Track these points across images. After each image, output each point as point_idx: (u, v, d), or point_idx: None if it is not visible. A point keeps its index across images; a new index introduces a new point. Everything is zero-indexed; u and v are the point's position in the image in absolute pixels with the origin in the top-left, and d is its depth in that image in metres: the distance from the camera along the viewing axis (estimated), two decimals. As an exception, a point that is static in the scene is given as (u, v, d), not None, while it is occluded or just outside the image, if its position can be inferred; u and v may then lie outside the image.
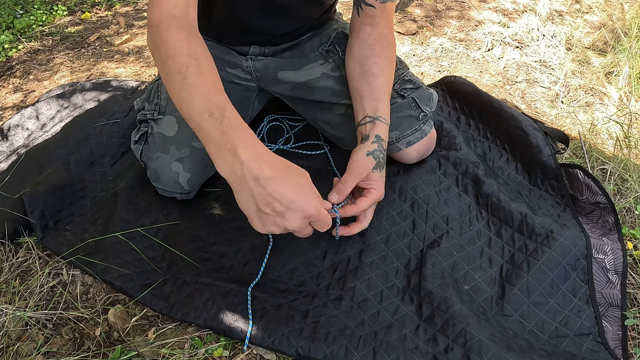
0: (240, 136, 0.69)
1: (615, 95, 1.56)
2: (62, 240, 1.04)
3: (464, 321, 0.85)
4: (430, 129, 1.12)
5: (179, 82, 0.72)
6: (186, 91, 0.72)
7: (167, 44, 0.75)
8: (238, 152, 0.69)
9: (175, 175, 1.05)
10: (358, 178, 0.90)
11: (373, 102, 0.99)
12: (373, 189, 0.92)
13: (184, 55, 0.73)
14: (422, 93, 1.10)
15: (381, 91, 1.00)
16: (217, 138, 0.70)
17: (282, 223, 0.72)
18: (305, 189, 0.73)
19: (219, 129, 0.69)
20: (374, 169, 0.92)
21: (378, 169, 0.92)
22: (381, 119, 0.98)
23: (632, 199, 1.14)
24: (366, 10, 1.03)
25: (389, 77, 1.03)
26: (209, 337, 0.88)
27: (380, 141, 0.95)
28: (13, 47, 1.84)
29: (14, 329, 0.90)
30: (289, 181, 0.71)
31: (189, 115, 0.72)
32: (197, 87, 0.71)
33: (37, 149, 1.26)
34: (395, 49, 1.07)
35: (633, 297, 0.96)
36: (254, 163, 0.69)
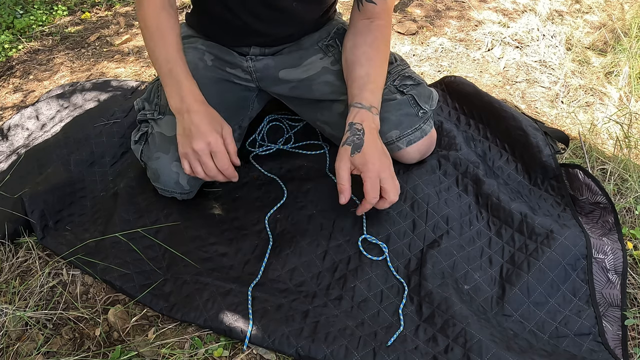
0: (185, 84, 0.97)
1: (615, 95, 1.56)
2: (62, 240, 1.04)
3: (464, 321, 0.85)
4: (430, 129, 1.11)
5: (150, 46, 1.00)
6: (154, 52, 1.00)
7: (144, 12, 1.00)
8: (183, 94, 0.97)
9: (175, 175, 1.05)
10: (344, 171, 0.95)
11: (355, 91, 1.01)
12: (365, 169, 0.94)
13: (153, 27, 0.99)
14: (421, 90, 1.10)
15: (365, 79, 1.01)
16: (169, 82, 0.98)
17: (191, 142, 0.94)
18: (214, 127, 0.95)
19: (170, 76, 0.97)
20: (352, 154, 0.95)
21: (356, 151, 0.95)
22: (356, 104, 0.99)
23: (632, 199, 1.14)
24: (367, 6, 1.04)
25: (377, 65, 1.03)
26: (209, 337, 0.88)
27: (352, 126, 0.97)
28: (13, 47, 1.84)
29: (14, 329, 0.90)
30: (207, 120, 0.96)
31: (156, 68, 1.00)
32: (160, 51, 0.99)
33: (37, 149, 1.26)
34: (389, 41, 1.08)
35: (633, 297, 0.96)
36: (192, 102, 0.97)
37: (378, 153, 0.96)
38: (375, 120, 1.00)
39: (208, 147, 0.95)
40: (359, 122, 0.97)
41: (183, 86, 0.97)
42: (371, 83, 1.01)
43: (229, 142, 0.97)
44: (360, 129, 0.96)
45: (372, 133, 0.97)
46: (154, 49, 0.99)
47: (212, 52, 1.17)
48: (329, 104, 1.14)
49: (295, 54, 1.16)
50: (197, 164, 0.96)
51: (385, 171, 0.95)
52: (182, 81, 0.97)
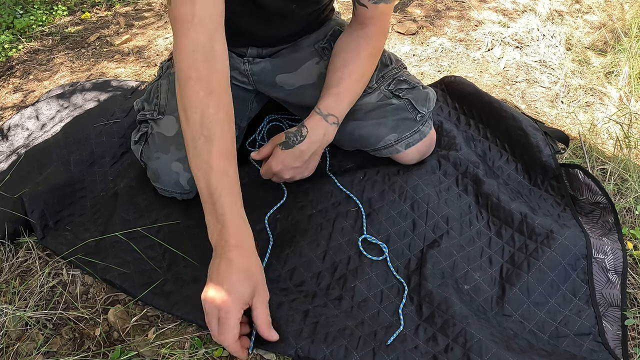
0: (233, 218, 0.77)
1: (615, 95, 1.56)
2: (62, 240, 1.04)
3: (464, 321, 0.85)
4: (429, 130, 1.11)
5: (191, 145, 0.79)
6: (195, 160, 0.79)
7: (184, 103, 0.79)
8: (228, 229, 0.77)
9: (175, 175, 1.05)
10: (271, 146, 1.01)
11: (322, 93, 1.02)
12: (269, 161, 1.01)
13: (196, 123, 0.78)
14: (418, 94, 1.10)
15: (333, 83, 1.01)
16: (211, 213, 0.79)
17: (206, 290, 0.76)
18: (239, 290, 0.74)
19: (213, 209, 0.78)
20: (279, 144, 1.00)
21: (281, 147, 0.99)
22: (316, 109, 1.00)
23: (632, 199, 1.14)
24: (359, 10, 1.02)
25: (351, 71, 1.01)
26: (209, 337, 0.88)
27: (300, 127, 0.99)
28: (13, 47, 1.84)
29: (14, 329, 0.90)
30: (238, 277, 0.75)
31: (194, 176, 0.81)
32: (202, 164, 0.78)
33: (37, 149, 1.26)
34: (377, 49, 1.05)
35: (633, 297, 0.96)
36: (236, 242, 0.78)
37: (297, 161, 1.00)
38: (328, 130, 0.98)
39: (217, 310, 0.74)
40: (306, 129, 0.99)
41: (229, 219, 0.77)
42: (338, 88, 0.99)
43: (258, 313, 0.76)
44: (304, 134, 0.98)
45: (308, 145, 0.98)
46: (194, 155, 0.78)
47: None
48: None
49: (292, 57, 1.16)
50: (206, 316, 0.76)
51: (283, 173, 1.02)
52: (227, 213, 0.77)
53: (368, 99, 1.09)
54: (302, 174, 1.05)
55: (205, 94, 0.78)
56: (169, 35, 1.89)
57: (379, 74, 1.12)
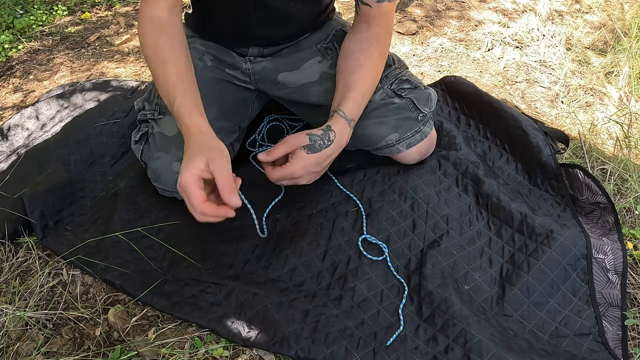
0: (185, 120, 0.87)
1: (615, 95, 1.56)
2: (62, 240, 1.04)
3: (464, 321, 0.85)
4: (430, 130, 1.11)
5: (153, 75, 0.94)
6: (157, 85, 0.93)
7: (142, 43, 0.94)
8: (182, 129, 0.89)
9: (176, 175, 1.05)
10: (288, 148, 0.93)
11: (339, 97, 0.99)
12: (290, 163, 0.92)
13: (152, 55, 0.92)
14: (420, 94, 1.10)
15: (351, 86, 0.99)
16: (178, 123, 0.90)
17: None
18: (190, 164, 0.80)
19: (177, 118, 0.89)
20: (303, 147, 0.92)
21: (307, 150, 0.93)
22: (339, 111, 0.97)
23: (632, 199, 1.14)
24: (363, 9, 1.02)
25: (367, 73, 1.01)
26: (209, 337, 0.88)
27: (328, 131, 0.95)
28: (13, 47, 1.84)
29: (14, 329, 0.90)
30: (188, 153, 0.83)
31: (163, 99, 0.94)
32: (161, 86, 0.91)
33: (37, 149, 1.26)
34: (386, 49, 1.05)
35: (633, 297, 0.96)
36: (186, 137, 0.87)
37: (318, 167, 0.96)
38: (348, 136, 0.99)
39: (179, 190, 0.80)
40: (334, 133, 0.96)
41: (180, 121, 0.88)
42: (356, 91, 0.99)
43: (216, 178, 0.79)
44: (331, 139, 0.95)
45: (335, 149, 0.96)
46: (155, 80, 0.93)
47: (211, 53, 1.17)
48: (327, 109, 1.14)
49: (294, 56, 1.16)
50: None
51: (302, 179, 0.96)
52: (179, 117, 0.88)
53: (371, 98, 1.09)
54: (315, 179, 1.00)
55: (158, 34, 0.92)
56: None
57: (382, 74, 1.12)
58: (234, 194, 0.78)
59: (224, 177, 0.78)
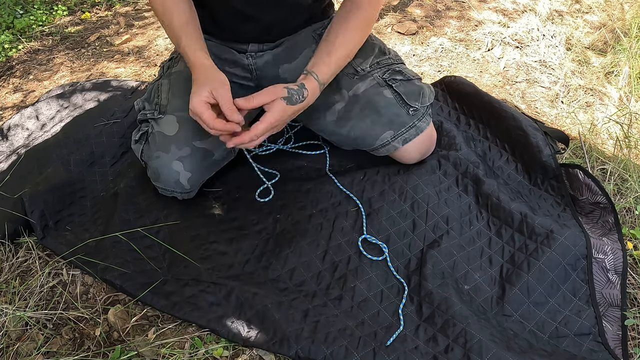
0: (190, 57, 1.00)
1: (615, 95, 1.56)
2: (62, 240, 1.04)
3: (464, 321, 0.85)
4: (426, 126, 1.11)
5: (164, 28, 1.07)
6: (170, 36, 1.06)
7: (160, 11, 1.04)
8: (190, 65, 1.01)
9: (175, 174, 1.05)
10: (269, 97, 0.97)
11: (314, 59, 1.03)
12: (268, 114, 0.96)
13: (159, 9, 1.04)
14: (411, 87, 1.09)
15: (325, 51, 1.02)
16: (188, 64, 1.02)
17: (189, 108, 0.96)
18: (198, 92, 0.94)
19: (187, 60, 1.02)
20: (283, 98, 0.96)
21: (286, 101, 0.97)
22: (313, 74, 1.00)
23: (632, 199, 1.14)
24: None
25: (343, 41, 1.02)
26: (209, 337, 0.88)
27: (302, 87, 0.99)
28: (13, 47, 1.84)
29: (14, 329, 0.90)
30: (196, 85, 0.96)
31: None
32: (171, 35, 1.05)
33: (37, 149, 1.26)
34: (368, 21, 1.05)
35: (633, 297, 0.96)
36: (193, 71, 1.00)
37: (289, 116, 0.99)
38: (316, 97, 1.02)
39: (192, 114, 0.96)
40: (307, 91, 0.99)
41: (187, 59, 1.01)
42: (331, 58, 1.02)
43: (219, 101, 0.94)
44: (305, 96, 0.99)
45: (305, 105, 1.00)
46: (167, 32, 1.06)
47: (211, 51, 1.17)
48: (322, 114, 1.14)
49: (292, 48, 1.16)
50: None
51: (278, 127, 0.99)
52: (186, 54, 1.01)
53: (360, 84, 1.09)
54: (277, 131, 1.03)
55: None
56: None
57: (374, 60, 1.12)
58: (235, 113, 0.93)
59: (226, 101, 0.93)
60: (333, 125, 1.12)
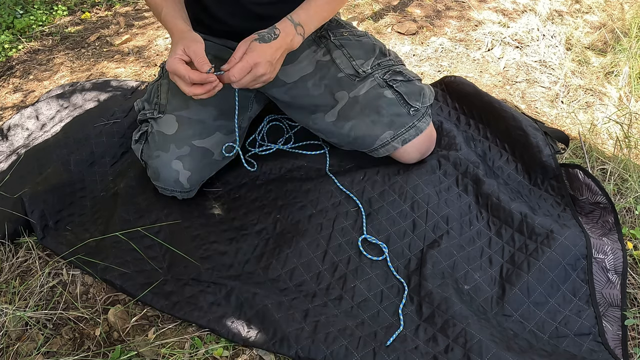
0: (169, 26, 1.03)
1: (615, 95, 1.56)
2: (62, 240, 1.04)
3: (464, 321, 0.85)
4: (426, 126, 1.11)
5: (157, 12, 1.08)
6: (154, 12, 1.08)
7: None
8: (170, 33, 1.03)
9: (175, 174, 1.05)
10: (243, 47, 0.99)
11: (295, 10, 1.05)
12: (250, 54, 0.98)
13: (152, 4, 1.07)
14: (412, 87, 1.10)
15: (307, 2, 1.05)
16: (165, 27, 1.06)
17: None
18: (173, 52, 0.96)
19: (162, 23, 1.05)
20: (255, 40, 0.99)
21: (258, 40, 0.99)
22: (288, 17, 1.02)
23: (632, 199, 1.14)
24: None
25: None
26: (209, 337, 0.88)
27: (272, 28, 1.01)
28: (13, 47, 1.84)
29: (14, 329, 0.90)
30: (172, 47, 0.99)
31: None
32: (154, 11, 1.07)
33: (37, 149, 1.26)
34: None
35: (633, 297, 0.96)
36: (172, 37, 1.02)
37: (271, 57, 0.99)
38: (294, 39, 1.02)
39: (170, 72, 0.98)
40: (278, 30, 1.01)
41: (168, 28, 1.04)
42: (309, 4, 1.04)
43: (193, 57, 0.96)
44: (277, 34, 1.00)
45: (281, 43, 1.00)
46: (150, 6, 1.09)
47: (210, 52, 1.17)
48: (321, 115, 1.14)
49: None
50: None
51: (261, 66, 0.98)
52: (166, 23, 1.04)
53: (361, 86, 1.09)
54: (270, 76, 1.03)
55: None
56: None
57: (375, 61, 1.12)
58: (206, 64, 0.95)
59: (197, 55, 0.95)
60: (332, 125, 1.12)
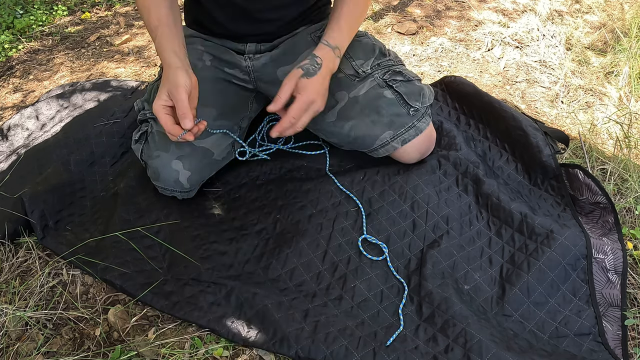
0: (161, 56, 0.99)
1: (615, 95, 1.56)
2: (62, 240, 1.04)
3: (464, 321, 0.85)
4: (425, 126, 1.11)
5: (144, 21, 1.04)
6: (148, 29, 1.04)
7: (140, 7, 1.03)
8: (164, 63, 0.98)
9: (175, 174, 1.05)
10: (290, 85, 0.98)
11: (327, 28, 1.05)
12: (303, 92, 0.97)
13: (142, 8, 1.02)
14: (411, 87, 1.10)
15: (335, 16, 1.04)
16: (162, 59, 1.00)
17: None
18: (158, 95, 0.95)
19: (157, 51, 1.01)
20: (301, 76, 0.98)
21: (306, 76, 0.98)
22: (324, 42, 1.02)
23: (632, 199, 1.14)
24: None
25: (350, 7, 1.05)
26: (209, 337, 0.88)
27: (313, 58, 1.00)
28: (13, 47, 1.84)
29: (14, 329, 0.90)
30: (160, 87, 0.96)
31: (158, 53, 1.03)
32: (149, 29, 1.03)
33: (37, 149, 1.26)
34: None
35: (633, 297, 0.96)
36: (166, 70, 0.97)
37: (323, 89, 1.00)
38: (335, 63, 1.03)
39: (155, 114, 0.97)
40: (319, 58, 1.00)
41: (161, 58, 1.00)
42: (341, 20, 1.04)
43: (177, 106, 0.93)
44: (319, 63, 1.00)
45: (327, 72, 1.01)
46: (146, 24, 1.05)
47: (211, 52, 1.17)
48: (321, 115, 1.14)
49: (290, 49, 1.16)
50: None
51: (317, 102, 0.99)
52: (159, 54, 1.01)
53: (361, 86, 1.09)
54: (323, 106, 1.03)
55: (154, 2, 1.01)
56: None
57: (375, 62, 1.12)
58: (187, 118, 0.92)
59: (180, 106, 0.92)
60: (332, 125, 1.12)
